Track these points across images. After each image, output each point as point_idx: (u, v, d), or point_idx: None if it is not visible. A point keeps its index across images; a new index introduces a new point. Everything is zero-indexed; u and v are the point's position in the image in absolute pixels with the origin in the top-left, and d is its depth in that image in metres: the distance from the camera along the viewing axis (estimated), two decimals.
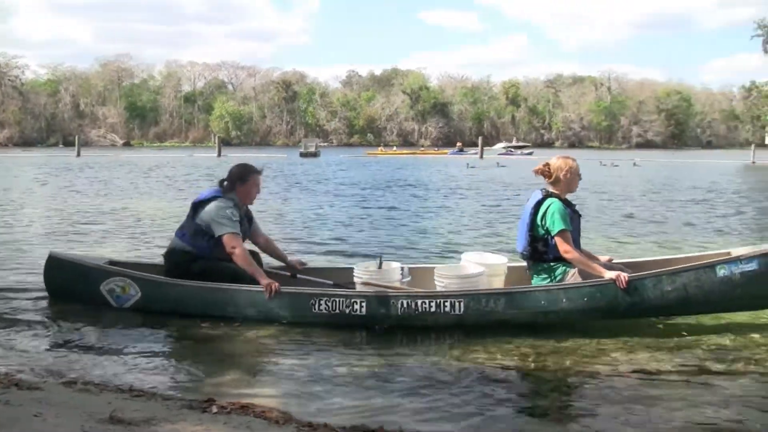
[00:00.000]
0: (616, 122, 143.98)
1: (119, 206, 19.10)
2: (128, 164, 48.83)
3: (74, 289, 7.40)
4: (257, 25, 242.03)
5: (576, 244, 6.83)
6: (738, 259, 6.49)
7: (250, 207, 7.58)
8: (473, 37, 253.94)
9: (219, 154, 66.83)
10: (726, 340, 6.36)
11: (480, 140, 75.26)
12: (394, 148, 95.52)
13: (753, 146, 68.02)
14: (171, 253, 7.24)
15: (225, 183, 7.32)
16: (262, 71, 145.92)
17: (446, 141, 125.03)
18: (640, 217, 16.97)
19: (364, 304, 6.67)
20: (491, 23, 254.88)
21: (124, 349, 6.07)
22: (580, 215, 7.05)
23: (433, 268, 7.50)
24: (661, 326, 6.77)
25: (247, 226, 7.40)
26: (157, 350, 6.15)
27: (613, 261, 7.14)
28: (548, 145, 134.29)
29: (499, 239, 13.18)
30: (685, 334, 6.53)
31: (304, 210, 18.77)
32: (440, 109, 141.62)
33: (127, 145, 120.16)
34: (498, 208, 19.77)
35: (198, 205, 7.19)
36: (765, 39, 64.95)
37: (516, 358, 5.96)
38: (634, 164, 53.50)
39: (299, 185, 29.34)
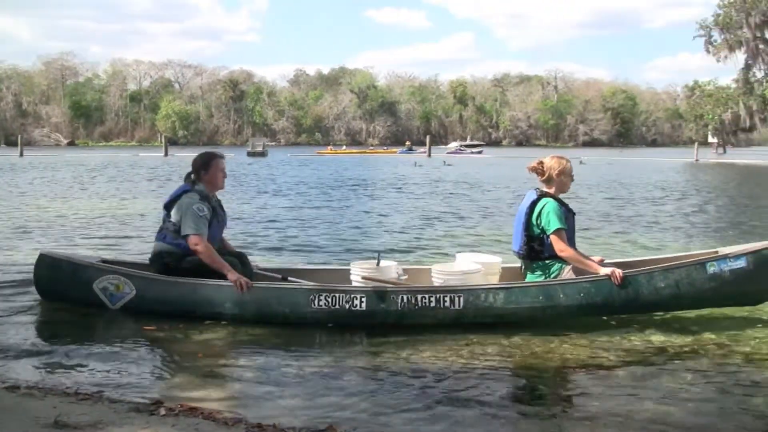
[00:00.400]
0: (563, 121, 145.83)
1: (64, 206, 18.81)
2: (73, 164, 48.17)
3: (66, 288, 7.24)
4: (204, 23, 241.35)
5: (571, 242, 6.91)
6: (727, 257, 6.71)
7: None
8: (421, 36, 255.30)
9: (166, 154, 66.46)
10: (717, 336, 6.44)
11: (428, 139, 75.76)
12: (344, 147, 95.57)
13: (696, 144, 69.02)
14: (158, 256, 7.12)
15: (191, 175, 7.25)
16: (209, 70, 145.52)
17: (394, 140, 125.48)
18: (589, 215, 17.13)
19: (363, 299, 6.62)
20: (439, 22, 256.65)
21: (71, 352, 5.94)
22: (574, 213, 7.14)
23: (428, 268, 7.60)
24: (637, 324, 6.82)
25: (222, 214, 7.36)
26: (106, 352, 6.01)
27: (605, 261, 7.20)
28: (496, 143, 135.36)
29: (451, 238, 13.28)
30: (669, 329, 6.65)
31: (256, 210, 18.64)
32: (388, 108, 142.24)
33: (71, 144, 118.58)
34: (449, 206, 19.86)
35: (169, 205, 7.11)
36: (707, 39, 65.88)
37: (467, 356, 5.94)
38: (581, 162, 53.94)
39: (249, 185, 29.18)
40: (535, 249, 6.89)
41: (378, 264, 7.29)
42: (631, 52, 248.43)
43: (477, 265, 7.20)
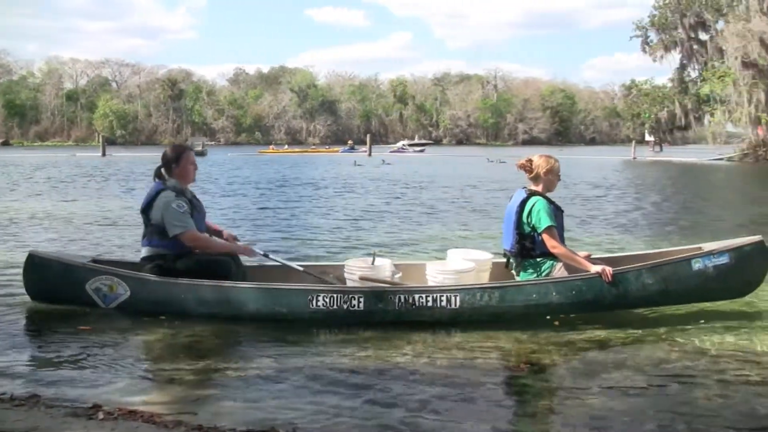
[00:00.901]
0: (503, 119, 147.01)
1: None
2: (8, 164, 47.09)
3: (58, 289, 7.16)
4: (142, 20, 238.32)
5: (561, 239, 7.03)
6: (711, 253, 6.99)
7: None
8: (361, 35, 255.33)
9: (103, 154, 65.42)
10: (664, 331, 6.59)
11: (368, 138, 75.81)
12: (286, 146, 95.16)
13: (633, 143, 70.09)
14: (149, 259, 7.08)
15: (162, 170, 7.27)
16: (147, 68, 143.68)
17: (334, 139, 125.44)
18: None
19: (362, 299, 6.73)
20: (378, 21, 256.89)
21: (5, 356, 5.80)
22: (562, 211, 7.27)
23: (419, 264, 7.80)
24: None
25: (199, 204, 7.37)
26: (43, 356, 5.92)
27: (591, 256, 7.37)
28: (436, 142, 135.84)
29: (396, 237, 13.31)
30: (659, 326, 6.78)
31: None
32: (328, 107, 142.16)
33: (5, 144, 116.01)
34: (385, 204, 19.96)
35: (146, 208, 7.07)
36: (643, 39, 66.88)
37: (410, 355, 5.98)
38: None
39: (193, 186, 28.39)
40: (527, 247, 7.02)
41: (373, 262, 7.38)
42: (568, 52, 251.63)
43: (470, 263, 7.34)
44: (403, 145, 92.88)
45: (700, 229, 14.31)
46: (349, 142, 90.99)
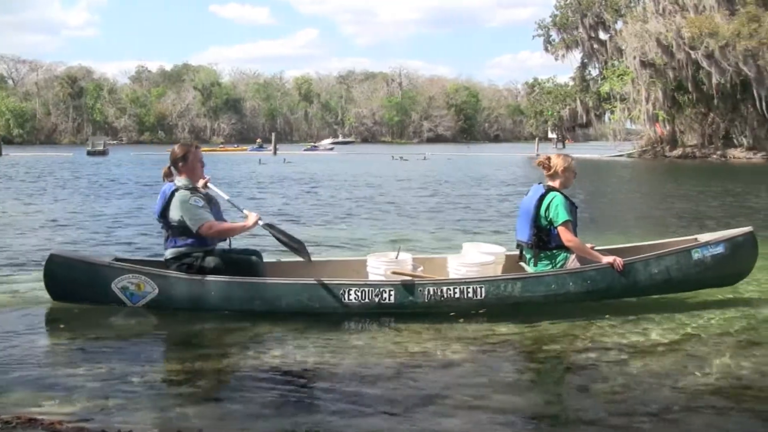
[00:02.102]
0: (408, 117, 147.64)
1: None
2: None
3: (82, 289, 7.24)
4: (40, 16, 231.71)
5: (574, 233, 7.46)
6: (708, 244, 7.59)
7: None
8: (265, 33, 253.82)
9: (0, 153, 63.20)
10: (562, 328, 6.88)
11: (273, 136, 75.58)
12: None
13: (537, 140, 71.57)
14: (176, 259, 7.20)
15: (170, 169, 7.40)
16: (46, 65, 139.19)
17: (239, 137, 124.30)
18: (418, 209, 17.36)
19: (392, 292, 7.07)
20: (283, 18, 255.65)
21: None
22: (576, 207, 7.69)
23: (439, 258, 8.28)
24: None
25: (215, 199, 7.52)
26: None
27: (595, 248, 7.75)
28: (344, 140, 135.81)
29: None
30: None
31: (126, 211, 17.98)
32: (232, 105, 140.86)
33: None
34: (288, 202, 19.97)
35: (164, 213, 7.16)
36: (545, 38, 68.06)
37: (324, 352, 6.06)
38: (424, 158, 55.13)
39: (92, 186, 28.14)
40: (543, 239, 7.46)
41: (397, 257, 7.67)
42: (473, 50, 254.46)
43: (490, 256, 7.77)
44: (331, 143, 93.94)
45: (606, 224, 14.51)
46: (258, 140, 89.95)
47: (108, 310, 7.15)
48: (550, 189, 7.53)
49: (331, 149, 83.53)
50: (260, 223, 7.34)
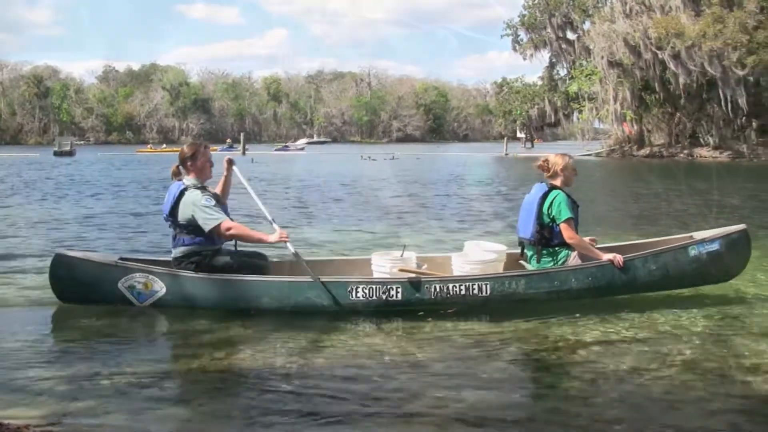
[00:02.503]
0: (377, 117, 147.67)
1: None
2: None
3: (88, 289, 7.24)
4: (4, 14, 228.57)
5: (575, 231, 7.59)
6: (704, 241, 7.71)
7: None
8: (234, 32, 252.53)
9: None
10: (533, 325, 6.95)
11: (242, 136, 75.51)
12: (164, 145, 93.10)
13: (506, 139, 71.68)
14: (184, 258, 7.19)
15: (179, 168, 7.40)
16: (11, 65, 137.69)
17: (208, 137, 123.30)
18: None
19: (399, 289, 7.16)
20: (252, 18, 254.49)
21: None
22: (578, 206, 7.79)
23: (442, 256, 8.33)
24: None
25: (221, 198, 7.48)
26: None
27: (596, 241, 8.02)
28: (311, 140, 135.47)
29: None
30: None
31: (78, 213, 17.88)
32: (201, 105, 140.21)
33: None
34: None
35: (173, 212, 7.16)
36: (514, 38, 68.22)
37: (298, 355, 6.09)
38: (393, 158, 55.13)
39: (61, 187, 27.77)
40: (545, 236, 7.59)
41: (402, 255, 7.68)
42: (442, 50, 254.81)
43: (493, 254, 7.87)
44: (306, 142, 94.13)
45: (590, 224, 14.66)
46: (228, 140, 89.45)
47: (95, 310, 7.15)
48: (553, 187, 7.68)
49: (302, 149, 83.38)
50: (289, 246, 7.34)
